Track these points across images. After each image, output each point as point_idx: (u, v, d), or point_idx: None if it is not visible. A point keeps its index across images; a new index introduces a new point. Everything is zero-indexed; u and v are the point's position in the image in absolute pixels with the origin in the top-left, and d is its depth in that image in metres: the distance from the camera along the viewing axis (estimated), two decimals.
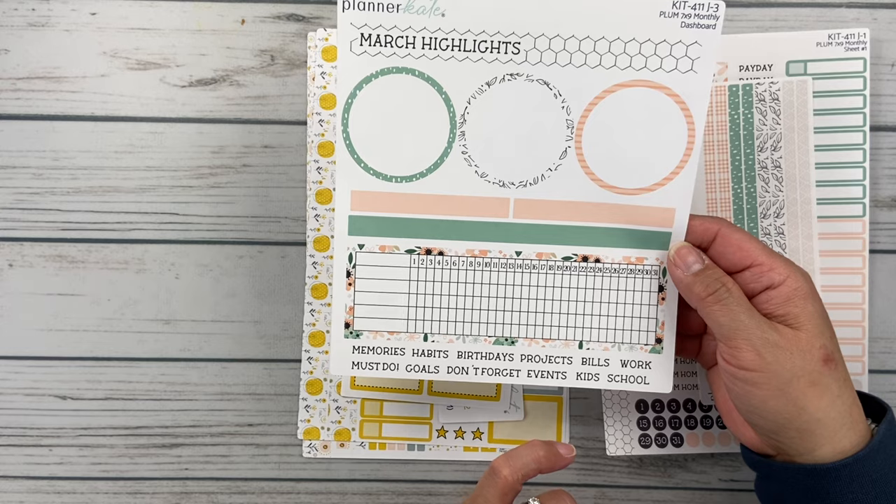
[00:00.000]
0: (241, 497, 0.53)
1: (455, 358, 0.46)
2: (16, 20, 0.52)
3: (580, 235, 0.45)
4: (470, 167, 0.44)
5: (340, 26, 0.42)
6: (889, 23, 0.51)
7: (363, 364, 0.46)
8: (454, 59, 0.43)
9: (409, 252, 0.46)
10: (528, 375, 0.47)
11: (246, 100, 0.52)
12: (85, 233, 0.52)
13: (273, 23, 0.52)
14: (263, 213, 0.52)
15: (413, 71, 0.43)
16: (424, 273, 0.46)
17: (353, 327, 0.46)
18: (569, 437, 0.52)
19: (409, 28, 0.42)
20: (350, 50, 0.43)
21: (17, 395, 0.53)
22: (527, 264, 0.46)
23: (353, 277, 0.46)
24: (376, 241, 0.45)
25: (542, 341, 0.46)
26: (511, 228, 0.45)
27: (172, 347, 0.53)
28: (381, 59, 0.43)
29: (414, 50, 0.43)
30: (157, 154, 0.52)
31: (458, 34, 0.42)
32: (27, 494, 0.54)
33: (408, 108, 0.44)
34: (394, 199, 0.45)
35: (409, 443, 0.52)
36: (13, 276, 0.53)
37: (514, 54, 0.43)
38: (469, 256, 0.46)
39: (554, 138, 0.44)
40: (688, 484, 0.53)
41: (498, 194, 0.45)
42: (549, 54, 0.43)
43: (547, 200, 0.45)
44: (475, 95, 0.43)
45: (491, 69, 0.43)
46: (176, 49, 0.52)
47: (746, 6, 0.51)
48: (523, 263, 0.46)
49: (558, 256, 0.45)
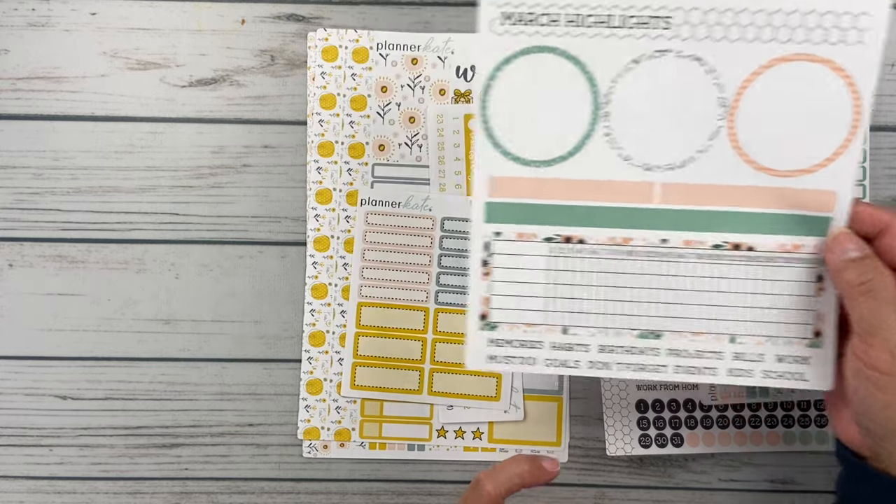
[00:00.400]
0: (241, 497, 0.53)
1: (596, 352, 0.44)
2: (16, 20, 0.52)
3: (731, 221, 0.42)
4: (613, 150, 0.42)
5: (481, 6, 0.40)
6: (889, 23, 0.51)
7: (499, 358, 0.44)
8: (599, 36, 0.40)
9: (548, 240, 0.43)
10: (675, 371, 0.43)
11: (246, 100, 0.52)
12: (85, 233, 0.52)
13: (273, 23, 0.52)
14: (263, 213, 0.52)
15: (555, 49, 0.41)
16: (564, 262, 0.43)
17: (490, 319, 0.44)
18: (569, 436, 0.52)
19: (552, 4, 0.40)
20: (490, 30, 0.41)
21: (18, 395, 0.53)
22: (673, 252, 0.43)
23: (489, 267, 0.43)
24: (514, 228, 0.43)
25: (691, 335, 0.43)
26: (656, 214, 0.42)
27: (172, 347, 0.53)
28: (523, 38, 0.41)
29: (557, 27, 0.41)
30: (158, 154, 0.52)
31: (604, 9, 0.40)
32: (27, 494, 0.54)
33: (549, 89, 0.41)
34: (532, 184, 0.42)
35: (409, 443, 0.52)
36: (13, 276, 0.53)
37: (665, 29, 0.40)
38: (611, 244, 0.43)
39: (705, 118, 0.41)
40: (688, 484, 0.53)
41: (643, 178, 0.42)
42: (703, 28, 0.40)
43: (695, 184, 0.42)
44: (621, 74, 0.41)
45: (638, 45, 0.40)
46: (176, 49, 0.52)
47: None
48: (670, 252, 0.43)
49: (708, 244, 0.42)
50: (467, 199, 0.51)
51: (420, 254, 0.52)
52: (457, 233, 0.51)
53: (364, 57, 0.52)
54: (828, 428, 0.51)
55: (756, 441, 0.52)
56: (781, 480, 0.53)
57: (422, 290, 0.52)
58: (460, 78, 0.52)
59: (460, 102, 0.52)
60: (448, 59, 0.52)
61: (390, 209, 0.52)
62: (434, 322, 0.52)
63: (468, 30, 0.52)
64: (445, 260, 0.52)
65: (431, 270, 0.52)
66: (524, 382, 0.52)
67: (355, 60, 0.52)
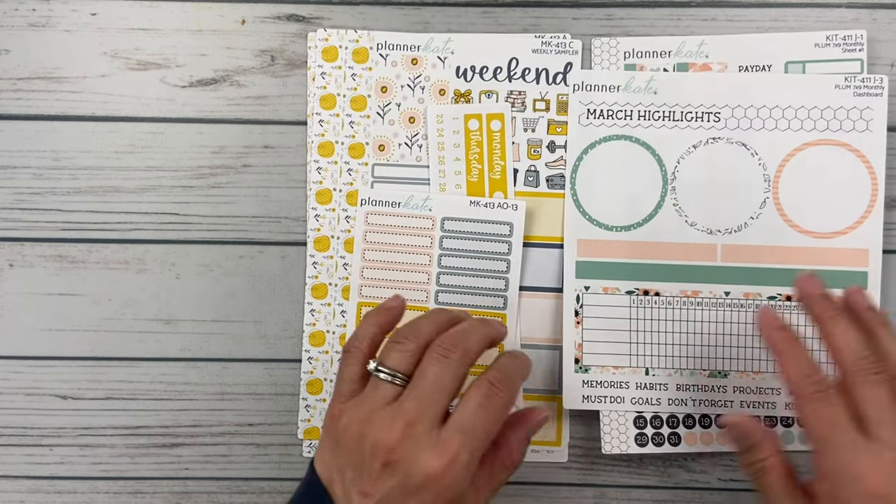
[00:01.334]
0: (241, 497, 0.53)
1: (674, 390, 0.51)
2: (16, 20, 0.52)
3: (783, 276, 0.50)
4: (681, 217, 0.51)
5: (571, 104, 0.51)
6: (888, 23, 0.51)
7: (592, 398, 0.51)
8: (665, 127, 0.51)
9: (629, 293, 0.51)
10: (741, 406, 0.51)
11: (246, 100, 0.52)
12: (85, 233, 0.52)
13: (273, 23, 0.52)
14: (263, 213, 0.52)
15: (630, 137, 0.51)
16: (643, 312, 0.51)
17: (583, 363, 0.51)
18: (568, 436, 0.52)
19: (627, 104, 0.51)
20: (578, 122, 0.51)
21: (18, 395, 0.53)
22: (735, 303, 0.51)
23: (580, 316, 0.51)
24: (600, 283, 0.51)
25: (753, 374, 0.51)
26: (719, 271, 0.51)
27: (173, 347, 0.53)
28: (603, 129, 0.51)
29: (631, 121, 0.51)
30: (158, 154, 0.52)
31: (667, 107, 0.51)
32: (28, 494, 0.54)
33: (626, 168, 0.51)
34: (614, 245, 0.51)
35: None
36: (14, 276, 0.53)
37: (716, 122, 0.50)
38: (682, 297, 0.51)
39: (753, 190, 0.50)
40: (687, 484, 0.53)
41: (706, 241, 0.51)
42: (745, 121, 0.50)
43: (751, 245, 0.50)
44: (683, 156, 0.50)
45: (696, 134, 0.50)
46: (176, 49, 0.52)
47: (746, 6, 0.51)
48: (732, 303, 0.51)
49: (764, 296, 0.50)
50: (467, 199, 0.51)
51: (420, 254, 0.52)
52: (457, 233, 0.51)
53: (364, 57, 0.52)
54: None
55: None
56: None
57: (422, 290, 0.52)
58: (460, 78, 0.52)
59: (460, 102, 0.52)
60: (448, 59, 0.52)
61: (390, 209, 0.52)
62: None
63: (468, 30, 0.52)
64: (445, 260, 0.52)
65: (431, 270, 0.52)
66: None
67: (355, 61, 0.52)
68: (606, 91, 0.51)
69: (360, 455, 0.40)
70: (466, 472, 0.39)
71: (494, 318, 0.49)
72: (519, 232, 0.51)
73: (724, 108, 0.50)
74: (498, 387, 0.41)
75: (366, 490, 0.39)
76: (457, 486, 0.39)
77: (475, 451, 0.40)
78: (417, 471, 0.38)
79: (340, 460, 0.40)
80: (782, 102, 0.50)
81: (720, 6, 0.51)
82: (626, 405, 0.51)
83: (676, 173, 0.51)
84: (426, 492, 0.39)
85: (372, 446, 0.39)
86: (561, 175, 0.52)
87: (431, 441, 0.39)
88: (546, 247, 0.52)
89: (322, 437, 0.42)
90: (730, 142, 0.50)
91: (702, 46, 0.51)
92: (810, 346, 0.44)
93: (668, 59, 0.51)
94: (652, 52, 0.51)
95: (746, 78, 0.50)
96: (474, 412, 0.40)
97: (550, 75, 0.52)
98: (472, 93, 0.52)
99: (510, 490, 0.52)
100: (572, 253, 0.51)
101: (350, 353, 0.43)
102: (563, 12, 0.52)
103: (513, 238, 0.51)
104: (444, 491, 0.39)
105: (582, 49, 0.51)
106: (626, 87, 0.51)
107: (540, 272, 0.52)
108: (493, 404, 0.40)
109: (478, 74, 0.52)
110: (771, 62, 0.51)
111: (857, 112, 0.50)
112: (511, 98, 0.52)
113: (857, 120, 0.50)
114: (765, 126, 0.50)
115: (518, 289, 0.52)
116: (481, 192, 0.52)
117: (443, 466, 0.38)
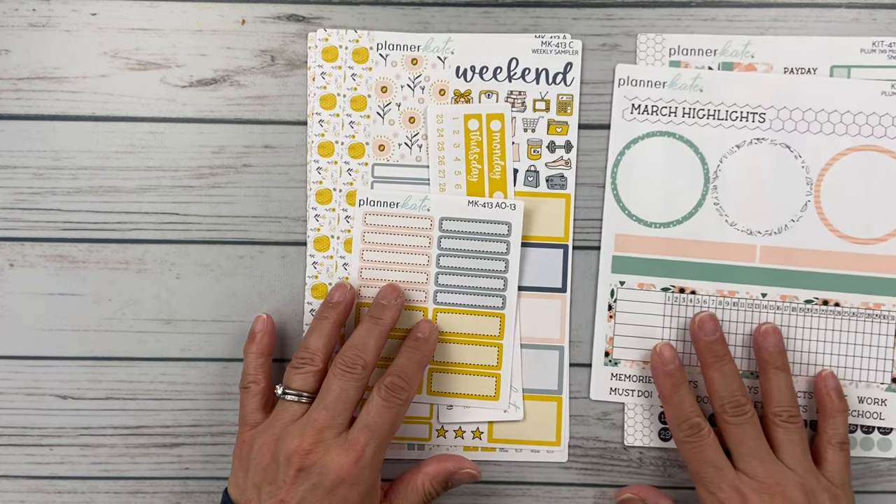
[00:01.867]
0: None
1: (704, 389, 0.50)
2: (16, 20, 0.52)
3: (821, 281, 0.50)
4: (721, 216, 0.51)
5: (615, 98, 0.51)
6: (888, 23, 0.51)
7: (619, 390, 0.52)
8: (709, 126, 0.50)
9: (665, 290, 0.51)
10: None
11: (246, 100, 0.52)
12: (85, 233, 0.52)
13: (273, 23, 0.52)
14: (263, 213, 0.52)
15: (674, 134, 0.51)
16: (678, 310, 0.51)
17: (612, 356, 0.52)
18: (568, 436, 0.52)
19: (672, 100, 0.51)
20: (622, 117, 0.51)
21: (18, 395, 0.53)
22: (771, 305, 0.51)
23: (613, 311, 0.52)
24: (636, 279, 0.51)
25: None
26: (757, 272, 0.51)
27: (173, 347, 0.53)
28: (647, 125, 0.51)
29: (675, 118, 0.51)
30: (158, 154, 0.52)
31: (713, 106, 0.50)
32: (28, 494, 0.54)
33: (668, 165, 0.51)
34: (652, 242, 0.51)
35: (408, 442, 0.52)
36: (14, 276, 0.53)
37: (760, 122, 0.50)
38: (719, 296, 0.51)
39: (795, 193, 0.50)
40: (688, 484, 0.53)
41: (745, 241, 0.51)
42: (790, 123, 0.50)
43: (790, 248, 0.50)
44: (726, 155, 0.50)
45: (740, 134, 0.50)
46: (176, 49, 0.52)
47: (746, 6, 0.51)
48: (768, 304, 0.51)
49: (800, 299, 0.51)
50: (465, 199, 0.51)
51: (418, 254, 0.52)
52: (455, 233, 0.51)
53: (364, 57, 0.52)
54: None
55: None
56: None
57: (420, 290, 0.52)
58: (460, 78, 0.52)
59: (460, 102, 0.52)
60: (448, 59, 0.52)
61: (388, 209, 0.52)
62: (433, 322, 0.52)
63: (468, 30, 0.52)
64: (444, 260, 0.52)
65: (430, 270, 0.52)
66: (524, 382, 0.52)
67: (355, 61, 0.52)
68: (651, 87, 0.51)
69: (274, 468, 0.44)
70: (374, 463, 0.45)
71: (383, 304, 0.49)
72: (517, 232, 0.51)
73: (769, 109, 0.50)
74: (397, 391, 0.46)
75: (283, 498, 0.43)
76: (367, 480, 0.44)
77: (381, 444, 0.45)
78: (330, 469, 0.43)
79: (256, 479, 0.45)
80: (827, 106, 0.50)
81: (720, 6, 0.51)
82: (654, 400, 0.51)
83: (719, 172, 0.51)
84: (340, 488, 0.44)
85: (286, 456, 0.44)
86: (561, 175, 0.52)
87: (340, 442, 0.44)
88: (546, 247, 0.52)
89: (234, 465, 0.47)
90: (774, 143, 0.50)
91: (748, 46, 0.51)
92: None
93: (713, 58, 0.51)
94: (697, 49, 0.51)
95: (792, 80, 0.50)
96: (378, 412, 0.45)
97: (550, 75, 0.52)
98: (472, 93, 0.52)
99: (510, 490, 0.52)
100: (609, 248, 0.51)
101: (248, 389, 0.49)
102: (563, 12, 0.52)
103: (511, 238, 0.51)
104: (356, 485, 0.44)
105: (582, 49, 0.51)
106: (672, 83, 0.51)
107: (540, 272, 0.52)
108: (394, 404, 0.46)
109: (478, 74, 0.52)
110: (816, 65, 0.51)
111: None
112: (511, 98, 0.52)
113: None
114: (809, 129, 0.50)
115: (517, 289, 0.52)
116: (481, 192, 0.52)
117: (352, 462, 0.44)
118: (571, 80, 0.52)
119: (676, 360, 0.48)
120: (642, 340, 0.51)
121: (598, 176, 0.52)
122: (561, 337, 0.52)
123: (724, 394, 0.47)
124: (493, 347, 0.52)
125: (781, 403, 0.47)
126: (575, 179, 0.52)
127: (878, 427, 0.51)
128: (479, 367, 0.52)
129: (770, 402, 0.48)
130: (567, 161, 0.52)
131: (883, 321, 0.50)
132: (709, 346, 0.48)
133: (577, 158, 0.52)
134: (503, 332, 0.52)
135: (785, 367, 0.48)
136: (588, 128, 0.52)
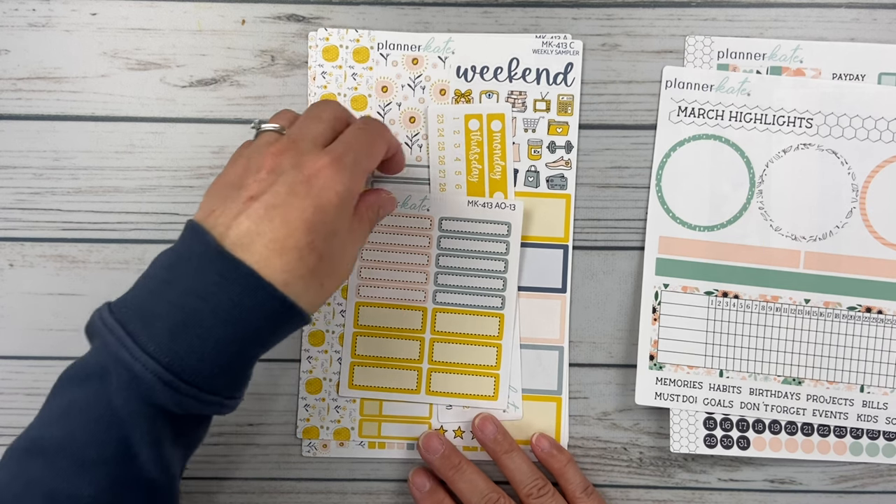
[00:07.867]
0: (242, 497, 0.53)
1: (747, 394, 0.51)
2: (16, 20, 0.52)
3: (864, 288, 0.50)
4: (766, 221, 0.50)
5: (662, 100, 0.51)
6: (888, 23, 0.51)
7: (665, 395, 0.51)
8: (756, 130, 0.50)
9: (708, 294, 0.51)
10: (813, 414, 0.51)
11: (246, 100, 0.52)
12: (85, 233, 0.52)
13: (273, 23, 0.52)
14: None
15: (720, 138, 0.51)
16: (721, 313, 0.51)
17: (657, 360, 0.51)
18: (568, 436, 0.52)
19: (719, 103, 0.51)
20: (668, 119, 0.51)
21: (18, 395, 0.53)
22: (814, 311, 0.51)
23: (658, 313, 0.51)
24: (679, 281, 0.51)
25: (827, 383, 0.51)
26: (801, 278, 0.51)
27: None
28: (693, 127, 0.51)
29: (722, 121, 0.50)
30: (158, 154, 0.52)
31: (760, 110, 0.50)
32: None
33: (714, 168, 0.51)
34: (697, 245, 0.51)
35: (408, 442, 0.53)
36: (13, 276, 0.53)
37: (807, 128, 0.50)
38: (762, 301, 0.51)
39: (841, 199, 0.50)
40: (687, 484, 0.53)
41: (790, 246, 0.51)
42: (837, 129, 0.50)
43: (835, 254, 0.50)
44: (773, 160, 0.50)
45: (787, 139, 0.50)
46: (176, 49, 0.52)
47: (746, 6, 0.51)
48: (811, 310, 0.51)
49: (844, 306, 0.50)
50: (465, 198, 0.51)
51: (418, 254, 0.52)
52: (454, 233, 0.51)
53: (364, 57, 0.52)
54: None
55: (823, 450, 0.51)
56: (781, 480, 0.53)
57: (420, 289, 0.52)
58: (460, 78, 0.52)
59: (460, 102, 0.52)
60: (448, 59, 0.52)
61: None
62: (432, 322, 0.52)
63: (468, 30, 0.52)
64: (443, 260, 0.52)
65: (429, 270, 0.52)
66: (523, 382, 0.52)
67: (356, 60, 0.52)
68: (699, 90, 0.51)
69: (244, 174, 0.40)
70: (355, 171, 0.40)
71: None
72: (517, 232, 0.51)
73: (816, 115, 0.50)
74: (371, 120, 0.44)
75: (252, 194, 0.38)
76: (345, 180, 0.39)
77: (358, 159, 0.41)
78: (306, 164, 0.39)
79: (223, 192, 0.39)
80: (875, 113, 0.50)
81: (720, 6, 0.51)
82: (699, 405, 0.51)
83: (765, 177, 0.50)
84: (317, 178, 0.39)
85: (258, 161, 0.40)
86: (561, 175, 0.52)
87: (316, 150, 0.40)
88: (546, 247, 0.52)
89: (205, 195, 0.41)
90: (820, 149, 0.50)
91: (797, 51, 0.50)
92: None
93: (761, 62, 0.51)
94: (746, 53, 0.51)
95: (840, 86, 0.50)
96: (355, 134, 0.42)
97: (551, 75, 0.52)
98: (473, 93, 0.52)
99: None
100: (653, 250, 0.51)
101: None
102: (563, 12, 0.52)
103: (511, 238, 0.51)
104: (334, 180, 0.39)
105: (583, 49, 0.51)
106: (720, 86, 0.50)
107: (539, 272, 0.52)
108: (370, 127, 0.43)
109: (478, 74, 0.52)
110: (865, 72, 0.50)
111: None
112: (511, 98, 0.52)
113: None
114: (856, 135, 0.50)
115: (517, 289, 0.52)
116: (481, 192, 0.52)
117: (329, 160, 0.39)
118: (572, 81, 0.52)
119: (445, 444, 0.50)
120: (686, 344, 0.51)
121: (599, 176, 0.52)
122: (560, 337, 0.52)
123: (524, 478, 0.49)
124: (493, 347, 0.52)
125: (525, 483, 0.49)
126: (575, 179, 0.52)
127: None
128: (478, 367, 0.52)
129: (517, 485, 0.49)
130: (567, 161, 0.52)
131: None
132: (494, 442, 0.50)
133: (577, 159, 0.52)
134: (502, 333, 0.52)
135: (514, 447, 0.50)
136: (588, 128, 0.52)
